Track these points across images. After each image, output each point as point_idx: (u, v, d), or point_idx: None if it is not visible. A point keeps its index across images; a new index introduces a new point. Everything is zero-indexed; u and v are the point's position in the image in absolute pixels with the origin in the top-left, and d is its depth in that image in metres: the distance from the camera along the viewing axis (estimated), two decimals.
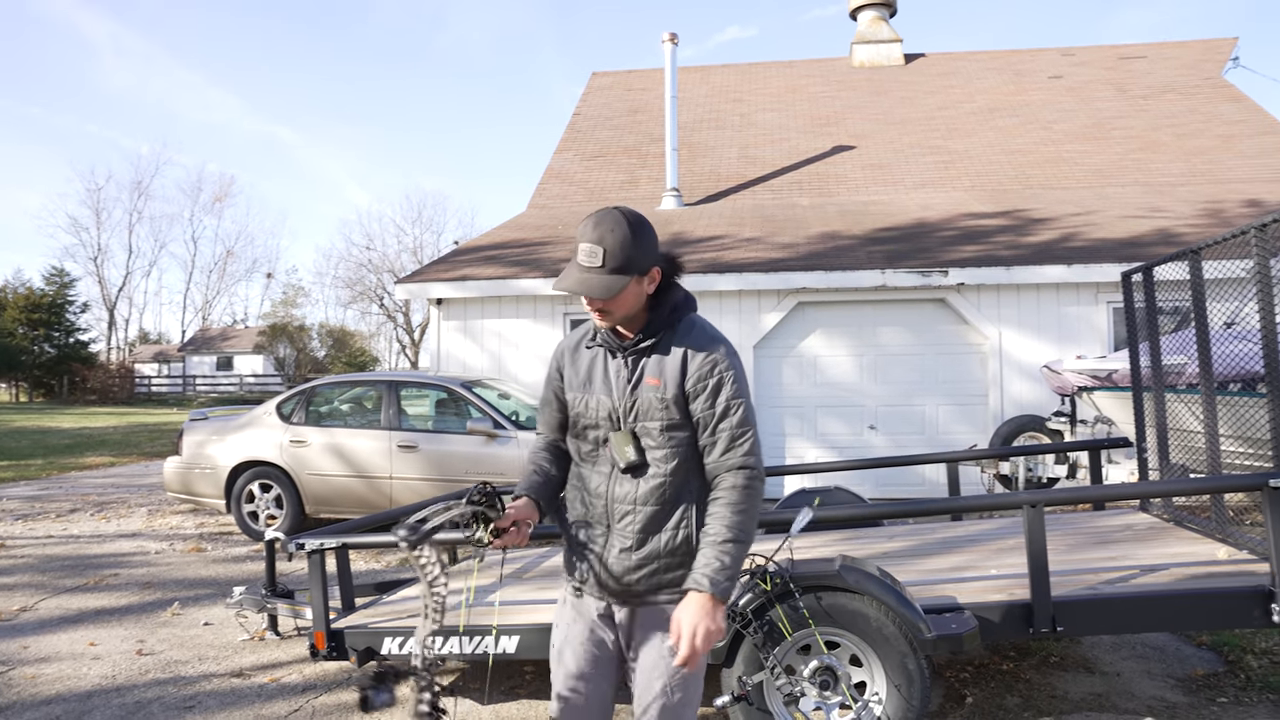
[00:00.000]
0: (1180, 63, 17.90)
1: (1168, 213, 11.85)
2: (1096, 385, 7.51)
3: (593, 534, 2.26)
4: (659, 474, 2.19)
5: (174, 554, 8.07)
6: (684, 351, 2.19)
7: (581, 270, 2.12)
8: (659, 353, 2.21)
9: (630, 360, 2.23)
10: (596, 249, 2.10)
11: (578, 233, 2.14)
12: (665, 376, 2.17)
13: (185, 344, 58.51)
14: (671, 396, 2.17)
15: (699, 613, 2.03)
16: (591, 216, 2.13)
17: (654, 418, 2.17)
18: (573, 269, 2.13)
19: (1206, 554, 4.02)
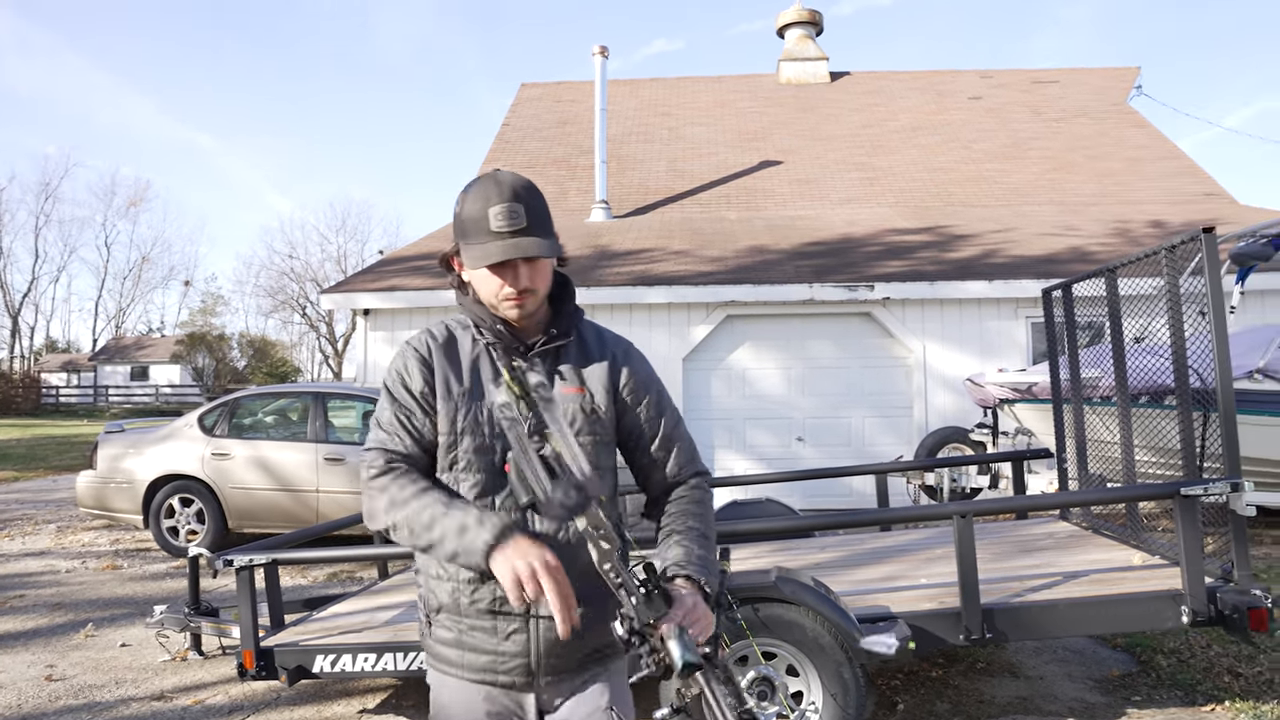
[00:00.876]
0: (1090, 88, 18.67)
1: (1081, 231, 12.34)
2: (1017, 398, 7.76)
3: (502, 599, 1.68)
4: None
5: (87, 573, 7.75)
6: (608, 353, 1.83)
7: (508, 236, 1.65)
8: (572, 355, 1.81)
9: (535, 364, 1.77)
10: (517, 208, 1.66)
11: (472, 200, 1.68)
12: (589, 383, 1.79)
13: (97, 353, 56.24)
14: (603, 407, 1.78)
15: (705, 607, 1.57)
16: (483, 180, 1.71)
17: (583, 432, 1.75)
18: (493, 239, 1.66)
19: (1123, 560, 4.19)
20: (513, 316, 1.74)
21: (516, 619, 1.70)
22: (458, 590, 1.72)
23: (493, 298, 1.73)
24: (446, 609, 1.75)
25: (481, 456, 1.72)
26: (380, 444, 1.75)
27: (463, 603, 1.73)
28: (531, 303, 1.73)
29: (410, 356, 1.78)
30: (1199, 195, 14.36)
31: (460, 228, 1.71)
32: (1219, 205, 13.87)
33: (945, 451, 8.89)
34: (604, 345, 1.85)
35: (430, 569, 1.77)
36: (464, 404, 1.73)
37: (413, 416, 1.75)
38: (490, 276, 1.70)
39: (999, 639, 3.48)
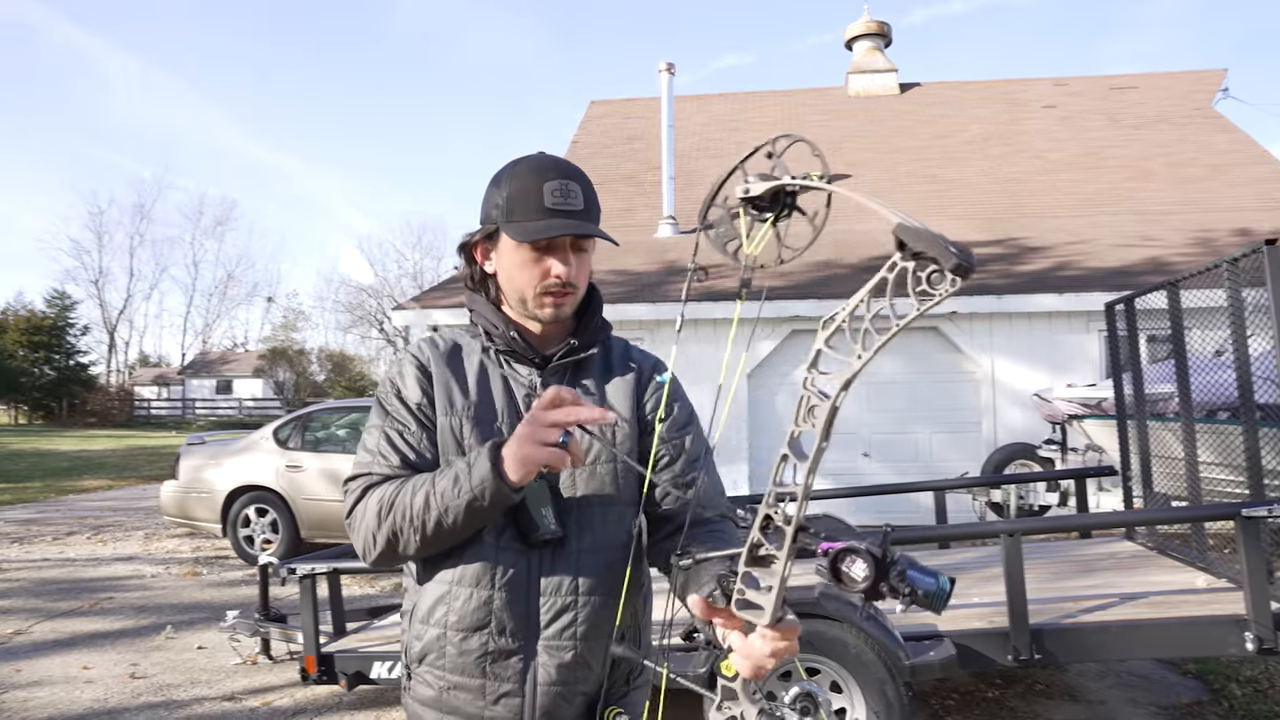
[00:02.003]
0: (1171, 93, 18.10)
1: (1159, 241, 11.96)
2: (1087, 413, 7.57)
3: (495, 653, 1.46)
4: (609, 541, 1.50)
5: (169, 578, 8.11)
6: (633, 370, 1.61)
7: (564, 215, 1.46)
8: (595, 371, 1.60)
9: (551, 378, 1.54)
10: (574, 186, 1.48)
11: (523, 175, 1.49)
12: (612, 402, 1.56)
13: (185, 367, 58.60)
14: (626, 428, 1.56)
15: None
16: (533, 156, 1.54)
17: (603, 459, 1.51)
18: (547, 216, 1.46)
19: (1186, 582, 4.07)
20: (548, 316, 1.51)
21: (509, 680, 1.45)
22: (444, 637, 1.47)
23: (529, 290, 1.50)
24: (430, 660, 1.49)
25: None
26: (363, 468, 1.48)
27: (449, 651, 1.46)
28: (570, 303, 1.53)
29: (407, 364, 1.55)
30: None
31: (504, 205, 1.48)
32: None
33: (1012, 468, 8.70)
34: (629, 362, 1.63)
35: (419, 611, 1.51)
36: (469, 419, 1.49)
37: (405, 431, 1.49)
38: (531, 265, 1.48)
39: (1049, 660, 3.42)
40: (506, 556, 1.45)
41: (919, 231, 0.91)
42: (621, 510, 1.52)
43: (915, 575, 1.08)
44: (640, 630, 1.59)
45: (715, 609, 1.17)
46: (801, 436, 1.05)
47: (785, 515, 1.06)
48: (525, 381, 1.54)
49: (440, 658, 1.47)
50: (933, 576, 1.09)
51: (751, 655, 1.12)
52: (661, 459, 1.57)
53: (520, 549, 1.45)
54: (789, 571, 1.07)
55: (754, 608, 1.10)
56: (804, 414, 1.03)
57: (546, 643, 1.45)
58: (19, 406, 44.36)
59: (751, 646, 1.12)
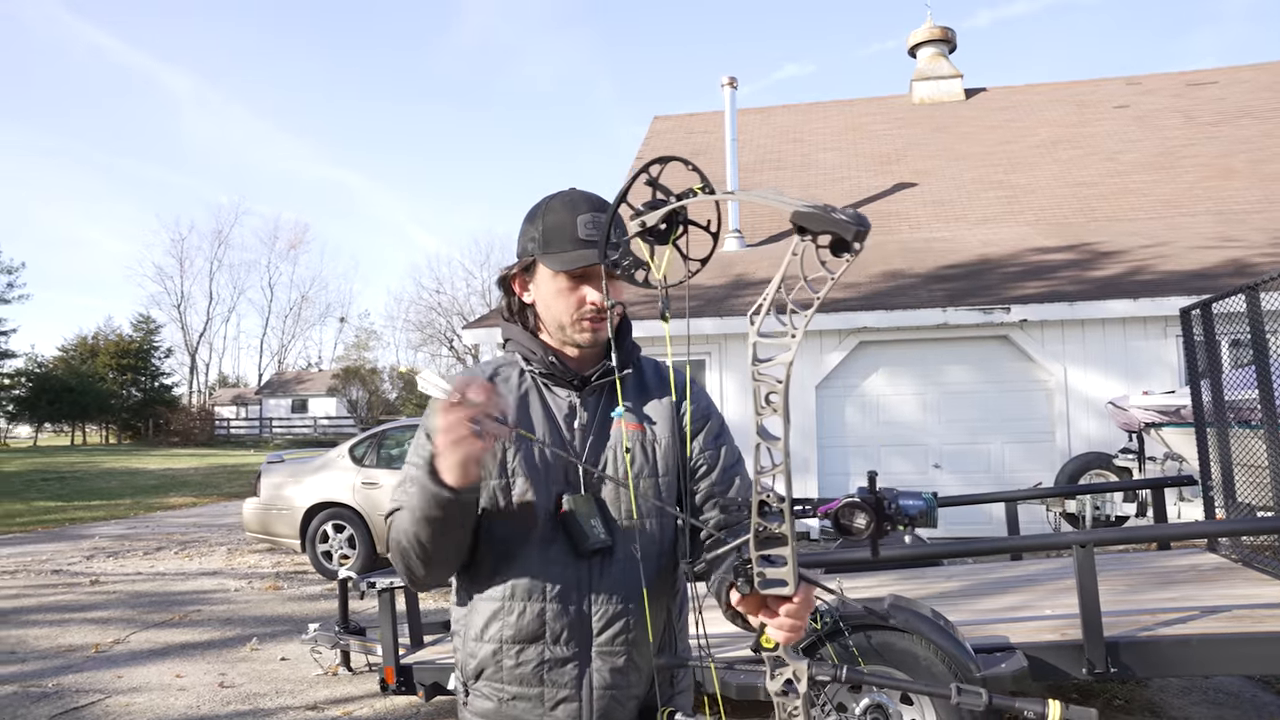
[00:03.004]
0: (1255, 85, 17.52)
1: (1241, 242, 11.58)
2: (1164, 421, 7.36)
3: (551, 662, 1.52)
4: (655, 550, 1.59)
5: (252, 591, 8.39)
6: (669, 388, 1.68)
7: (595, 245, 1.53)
8: (630, 390, 1.65)
9: (589, 398, 1.62)
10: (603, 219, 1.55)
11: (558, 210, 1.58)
12: (654, 417, 1.63)
13: (262, 387, 60.41)
14: (664, 443, 1.62)
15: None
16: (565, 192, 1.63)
17: (644, 474, 1.59)
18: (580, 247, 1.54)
19: (1273, 596, 3.95)
20: (585, 340, 1.59)
21: (566, 686, 1.52)
22: (500, 652, 1.53)
23: (566, 317, 1.58)
24: (487, 675, 1.55)
25: (536, 500, 1.54)
26: (399, 503, 1.52)
27: (505, 664, 1.53)
28: (607, 327, 1.58)
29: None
30: None
31: (540, 239, 1.58)
32: None
33: (1088, 478, 8.49)
34: (663, 379, 1.70)
35: (471, 629, 1.58)
36: (513, 442, 1.55)
37: None
38: (568, 293, 1.56)
39: (1125, 674, 3.36)
40: (554, 570, 1.52)
41: (815, 215, 1.01)
42: (665, 521, 1.61)
43: (906, 504, 1.24)
44: (676, 635, 1.66)
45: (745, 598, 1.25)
46: (765, 422, 1.14)
47: (776, 495, 1.16)
48: (565, 403, 1.61)
49: (498, 671, 1.54)
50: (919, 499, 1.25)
51: (783, 625, 1.22)
52: (700, 469, 1.64)
53: (569, 560, 1.52)
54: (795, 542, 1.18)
55: (778, 584, 1.20)
56: (762, 402, 1.13)
57: (600, 649, 1.53)
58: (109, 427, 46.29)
59: (781, 618, 1.22)
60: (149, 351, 48.16)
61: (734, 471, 1.66)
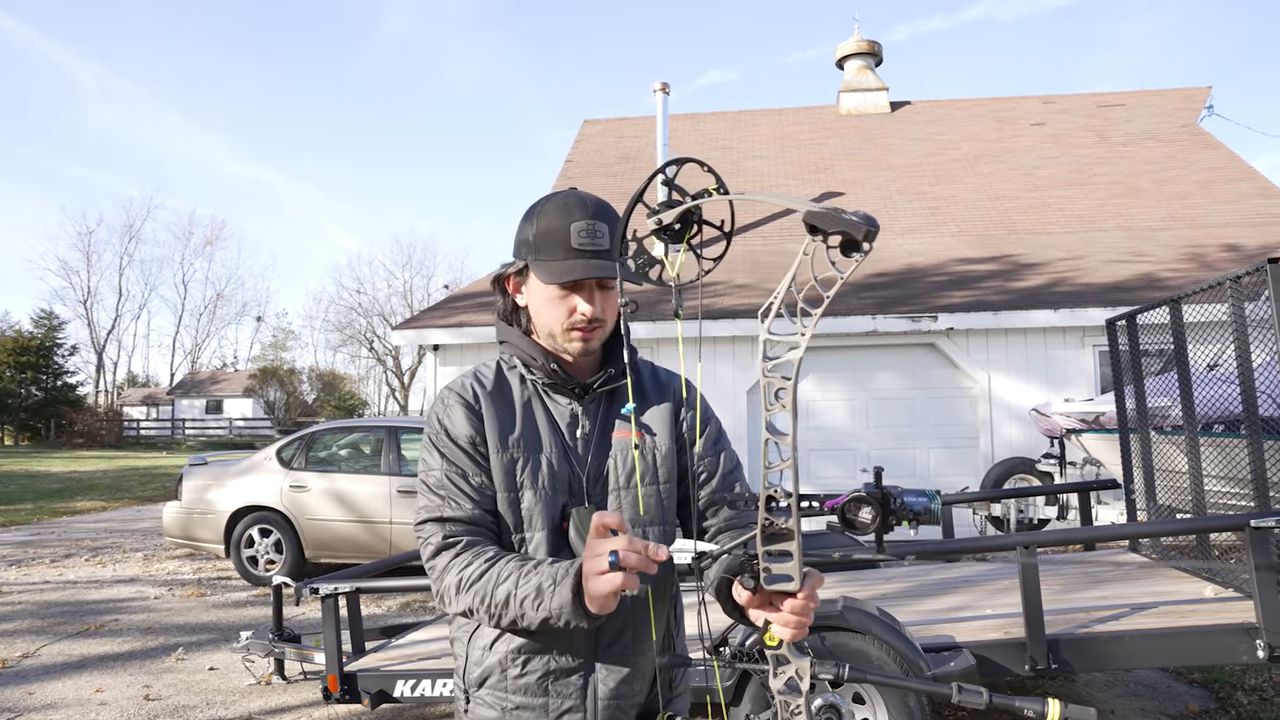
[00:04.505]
0: (1157, 110, 18.37)
1: (1150, 257, 12.13)
2: (1084, 428, 7.67)
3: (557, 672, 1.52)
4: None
5: (174, 599, 8.09)
6: (667, 393, 1.67)
7: (590, 255, 1.52)
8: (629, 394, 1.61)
9: (591, 406, 1.61)
10: (601, 227, 1.53)
11: (552, 215, 1.53)
12: (654, 424, 1.62)
13: (174, 387, 58.35)
14: (664, 449, 1.61)
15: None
16: (563, 195, 1.58)
17: (645, 482, 1.58)
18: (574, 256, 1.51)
19: (1194, 592, 4.15)
20: (576, 350, 1.56)
21: (571, 696, 1.52)
22: (506, 662, 1.52)
23: (556, 326, 1.55)
24: (491, 684, 1.54)
25: (544, 512, 1.52)
26: (433, 512, 1.51)
27: (510, 674, 1.52)
28: (599, 336, 1.58)
29: (454, 404, 1.57)
30: (1277, 217, 14.00)
31: (532, 243, 1.54)
32: None
33: (1012, 482, 8.79)
34: (661, 384, 1.69)
35: (479, 639, 1.56)
36: (520, 454, 1.53)
37: (467, 475, 1.52)
38: (558, 302, 1.53)
39: (1065, 670, 3.49)
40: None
41: (827, 216, 1.03)
42: (666, 529, 1.60)
43: (910, 500, 1.23)
44: (674, 640, 1.66)
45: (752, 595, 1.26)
46: (774, 418, 1.16)
47: (784, 491, 1.17)
48: (566, 411, 1.59)
49: (502, 680, 1.52)
50: (924, 496, 1.23)
51: (788, 621, 1.23)
52: (700, 474, 1.64)
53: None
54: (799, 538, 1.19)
55: (784, 579, 1.21)
56: (770, 399, 1.15)
57: (605, 658, 1.53)
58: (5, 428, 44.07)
59: (785, 614, 1.23)
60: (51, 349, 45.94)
61: (734, 477, 1.67)
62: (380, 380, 57.62)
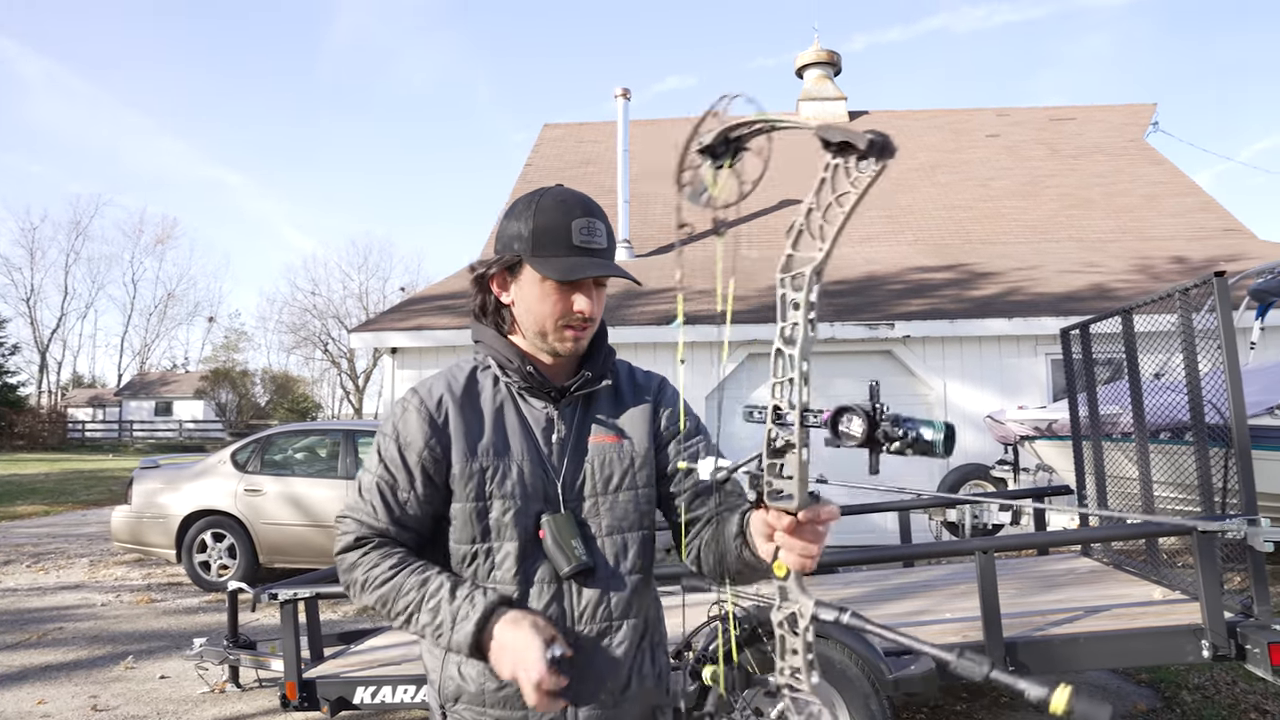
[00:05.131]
0: (1106, 125, 18.82)
1: (1101, 268, 12.42)
2: (1038, 435, 7.83)
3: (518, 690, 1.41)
4: (634, 566, 1.56)
5: (122, 606, 7.91)
6: (644, 395, 1.65)
7: (592, 253, 1.50)
8: (605, 401, 1.62)
9: (567, 410, 1.57)
10: (600, 225, 1.52)
11: (550, 211, 1.50)
12: (629, 430, 1.60)
13: (122, 389, 56.99)
14: (642, 454, 1.59)
15: None
16: (557, 191, 1.54)
17: (623, 487, 1.56)
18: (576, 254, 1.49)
19: (1143, 595, 4.26)
20: (567, 349, 1.54)
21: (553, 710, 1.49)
22: (483, 676, 1.47)
23: (549, 323, 1.52)
24: (468, 699, 1.50)
25: (516, 522, 1.49)
26: (354, 513, 1.52)
27: (488, 688, 1.47)
28: (588, 336, 1.56)
29: (413, 411, 1.52)
30: (1218, 231, 14.42)
31: (528, 239, 1.49)
32: (1238, 240, 13.92)
33: (967, 488, 8.93)
34: (639, 385, 1.66)
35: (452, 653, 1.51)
36: (490, 462, 1.50)
37: (396, 487, 1.50)
38: (554, 299, 1.50)
39: (1022, 672, 3.55)
40: (535, 591, 1.49)
41: (836, 128, 1.05)
42: (645, 534, 1.59)
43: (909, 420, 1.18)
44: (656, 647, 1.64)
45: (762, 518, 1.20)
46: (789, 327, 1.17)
47: (790, 401, 1.14)
48: (541, 415, 1.56)
49: (480, 695, 1.49)
50: (927, 424, 1.17)
51: (794, 546, 1.16)
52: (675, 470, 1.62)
53: (551, 579, 1.49)
54: (806, 455, 1.15)
55: (784, 496, 1.17)
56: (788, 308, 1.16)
57: (584, 668, 1.48)
58: None
59: (792, 540, 1.16)
60: None
61: (697, 439, 1.66)
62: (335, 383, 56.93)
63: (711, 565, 1.52)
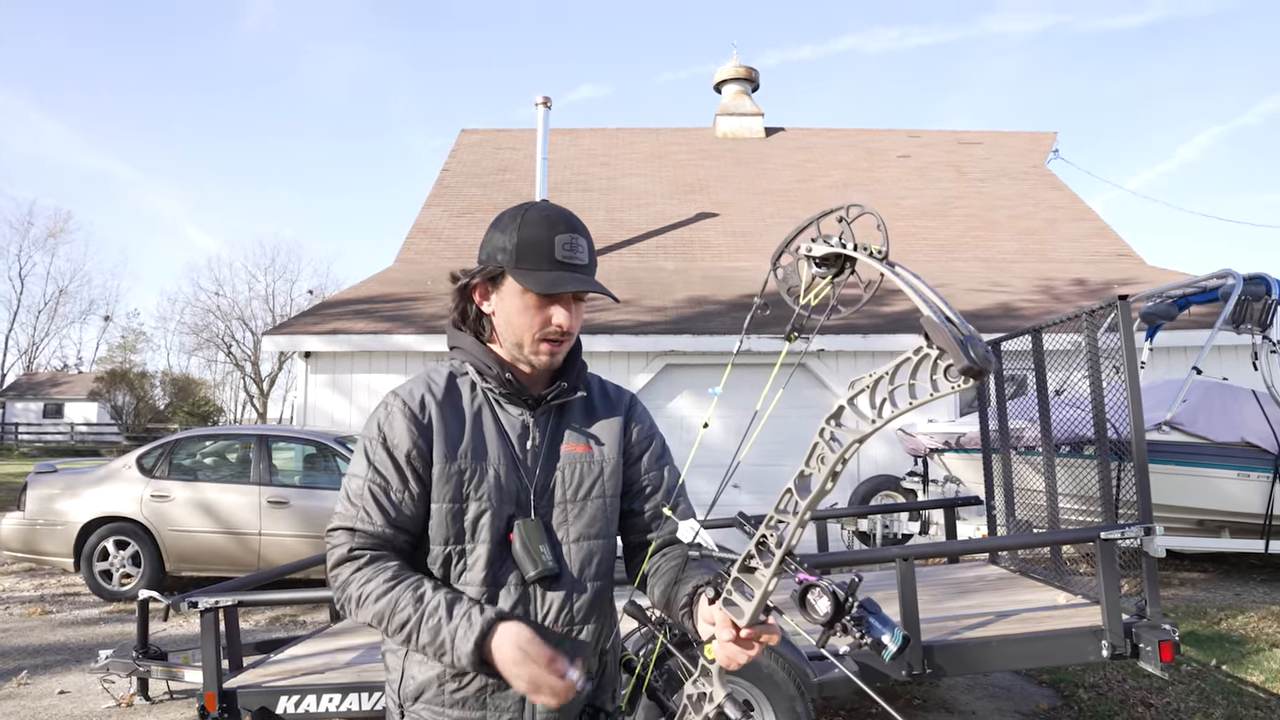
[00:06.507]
0: (1011, 150, 19.68)
1: (1007, 288, 12.98)
2: (947, 448, 8.14)
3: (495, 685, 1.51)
4: (597, 573, 1.61)
5: (12, 619, 7.53)
6: (616, 408, 1.71)
7: (574, 269, 1.54)
8: (578, 411, 1.66)
9: (542, 418, 1.61)
10: (582, 242, 1.56)
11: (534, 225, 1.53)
12: (600, 440, 1.65)
13: (6, 389, 53.99)
14: (611, 465, 1.64)
15: None
16: (542, 206, 1.59)
17: (592, 495, 1.61)
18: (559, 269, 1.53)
19: (1048, 600, 4.49)
20: (542, 362, 1.57)
21: (509, 709, 1.53)
22: (444, 676, 1.51)
23: (527, 335, 1.55)
24: (427, 698, 1.53)
25: (490, 524, 1.53)
26: (346, 521, 1.51)
27: (448, 688, 1.51)
28: (564, 350, 1.60)
29: (397, 412, 1.54)
30: (1112, 255, 15.22)
31: (512, 252, 1.53)
32: (1130, 265, 14.72)
33: (878, 499, 9.23)
34: (610, 400, 1.72)
35: (413, 653, 1.54)
36: (468, 464, 1.53)
37: (389, 488, 1.51)
38: (535, 312, 1.54)
39: (938, 674, 3.72)
40: (503, 593, 1.52)
41: (939, 329, 1.02)
42: (608, 542, 1.64)
43: (872, 622, 1.21)
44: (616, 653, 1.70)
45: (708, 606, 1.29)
46: (811, 477, 1.19)
47: (778, 539, 1.21)
48: (517, 422, 1.60)
49: (439, 694, 1.52)
50: (889, 629, 1.20)
51: (728, 648, 1.26)
52: (645, 489, 1.69)
53: (517, 583, 1.53)
54: (772, 586, 1.22)
55: (736, 607, 1.25)
56: (815, 459, 1.18)
57: None
58: None
59: (728, 646, 1.26)
60: None
61: (677, 493, 1.72)
62: (238, 386, 55.10)
63: (654, 597, 1.60)
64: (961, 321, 1.03)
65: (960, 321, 1.03)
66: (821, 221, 1.32)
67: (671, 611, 1.51)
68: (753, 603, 1.23)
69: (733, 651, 1.26)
